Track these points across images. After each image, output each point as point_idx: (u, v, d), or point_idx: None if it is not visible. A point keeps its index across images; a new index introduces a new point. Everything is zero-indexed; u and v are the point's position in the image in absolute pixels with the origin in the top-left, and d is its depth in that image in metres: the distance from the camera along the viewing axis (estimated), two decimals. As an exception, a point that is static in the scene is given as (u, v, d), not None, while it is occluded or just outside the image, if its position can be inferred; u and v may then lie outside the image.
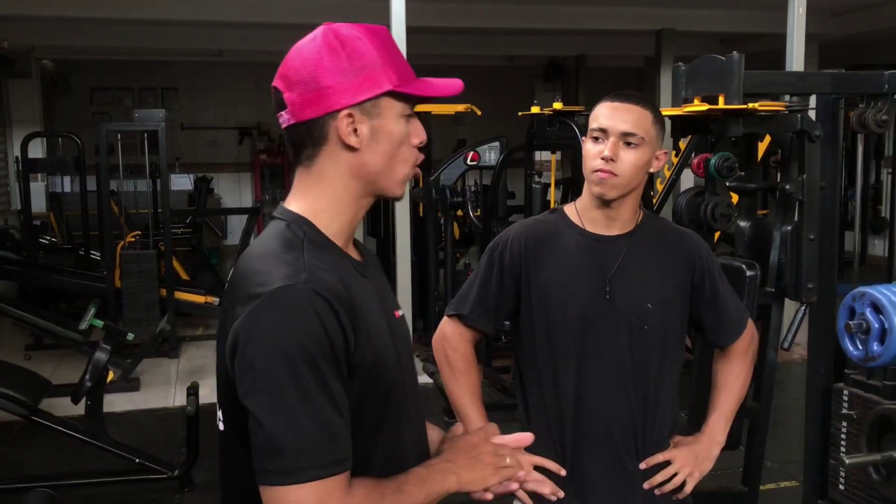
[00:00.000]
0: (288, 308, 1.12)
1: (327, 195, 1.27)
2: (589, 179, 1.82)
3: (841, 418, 2.47)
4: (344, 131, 1.22)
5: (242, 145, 11.98)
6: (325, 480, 1.11)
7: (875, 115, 2.44)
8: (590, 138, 1.82)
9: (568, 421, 1.84)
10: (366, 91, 1.23)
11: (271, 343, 1.11)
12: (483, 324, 1.92)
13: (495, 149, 6.32)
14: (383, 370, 1.24)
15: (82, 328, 5.68)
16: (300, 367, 1.11)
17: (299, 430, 1.10)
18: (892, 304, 1.64)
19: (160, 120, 6.33)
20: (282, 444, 1.10)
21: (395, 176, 1.28)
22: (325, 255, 1.22)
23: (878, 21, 8.17)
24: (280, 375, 1.11)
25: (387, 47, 1.26)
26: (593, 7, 8.11)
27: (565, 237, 1.87)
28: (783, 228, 2.54)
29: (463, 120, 9.24)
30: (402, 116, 1.27)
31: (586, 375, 1.82)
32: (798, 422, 2.97)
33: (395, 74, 1.24)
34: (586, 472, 1.84)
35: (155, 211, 7.36)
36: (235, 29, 8.53)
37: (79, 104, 11.14)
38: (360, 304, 1.20)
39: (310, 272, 1.16)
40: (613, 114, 1.79)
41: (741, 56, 2.33)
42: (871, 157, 8.81)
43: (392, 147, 1.26)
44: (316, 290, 1.14)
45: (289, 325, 1.12)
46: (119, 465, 4.09)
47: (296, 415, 1.10)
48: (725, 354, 1.99)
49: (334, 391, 1.13)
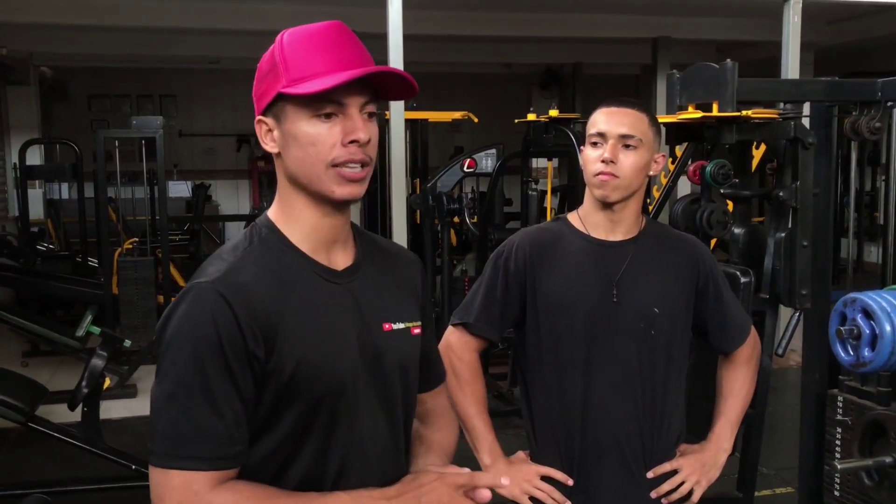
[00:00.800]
0: (190, 304, 1.17)
1: (282, 201, 1.29)
2: (591, 184, 1.83)
3: (835, 424, 2.47)
4: (260, 138, 1.25)
5: (240, 152, 11.99)
6: (185, 472, 1.13)
7: (868, 123, 2.45)
8: (588, 144, 1.83)
9: (575, 429, 1.83)
10: (265, 97, 1.23)
11: (168, 335, 1.17)
12: (489, 332, 1.91)
13: (492, 156, 6.33)
14: (312, 383, 1.20)
15: (79, 335, 5.67)
16: (186, 361, 1.15)
17: (169, 419, 1.15)
18: (883, 309, 1.65)
19: (158, 127, 6.33)
20: (154, 429, 1.16)
21: (321, 176, 1.22)
22: (272, 258, 1.23)
23: (873, 29, 8.20)
24: (166, 365, 1.17)
25: (302, 46, 1.20)
26: (590, 15, 8.14)
27: (570, 243, 1.87)
28: (777, 235, 2.55)
29: (460, 127, 9.26)
30: (315, 117, 1.20)
31: (593, 382, 1.82)
32: (793, 428, 2.97)
33: (287, 75, 1.19)
34: (594, 480, 1.84)
35: (152, 218, 7.37)
36: (234, 36, 8.55)
37: (77, 111, 11.16)
38: (287, 310, 1.19)
39: (227, 273, 1.19)
40: (610, 118, 1.80)
41: (735, 64, 2.34)
42: (867, 164, 8.84)
43: (300, 150, 1.21)
44: (218, 290, 1.16)
45: (186, 320, 1.17)
46: (115, 472, 4.08)
47: (170, 404, 1.15)
48: (730, 361, 1.99)
49: (216, 391, 1.15)
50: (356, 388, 1.26)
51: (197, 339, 1.15)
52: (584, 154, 1.85)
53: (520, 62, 10.64)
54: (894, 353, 1.64)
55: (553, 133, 5.18)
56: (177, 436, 1.14)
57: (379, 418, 1.30)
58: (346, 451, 1.26)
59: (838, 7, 7.49)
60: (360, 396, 1.26)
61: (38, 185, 9.15)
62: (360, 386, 1.26)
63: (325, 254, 1.28)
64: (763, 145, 3.36)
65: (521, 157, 5.76)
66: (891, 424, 1.71)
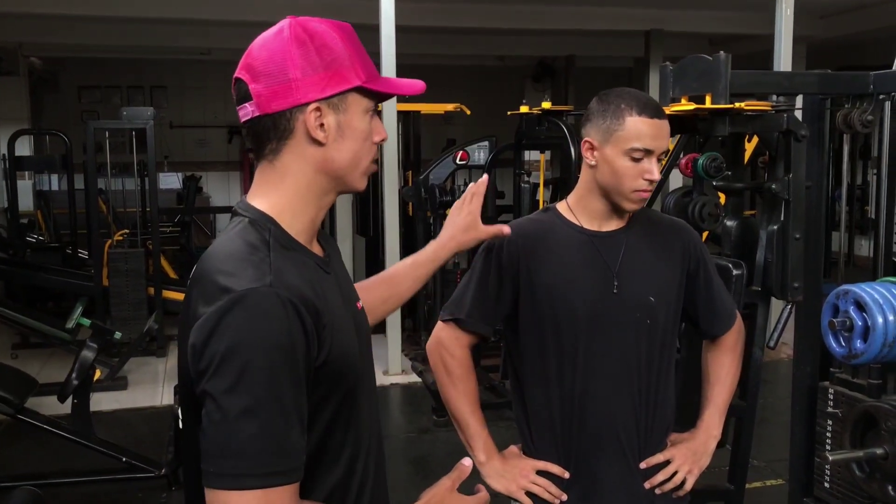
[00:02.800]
0: (253, 311, 1.10)
1: (291, 191, 1.25)
2: (625, 196, 1.77)
3: (826, 416, 2.48)
4: (311, 125, 1.21)
5: (232, 144, 11.95)
6: (266, 490, 1.08)
7: (860, 116, 2.45)
8: (626, 155, 1.74)
9: (573, 421, 1.82)
10: (335, 86, 1.22)
11: (230, 344, 1.08)
12: (481, 327, 1.88)
13: (484, 148, 6.34)
14: (349, 367, 1.24)
15: (69, 327, 5.65)
16: (257, 372, 1.08)
17: (245, 436, 1.07)
18: (875, 301, 1.65)
19: (148, 118, 6.31)
20: (225, 448, 1.08)
21: (360, 170, 1.29)
22: (291, 256, 1.21)
23: (865, 23, 8.23)
24: (235, 378, 1.07)
25: (353, 43, 1.26)
26: (583, 7, 8.14)
27: (562, 234, 1.85)
28: (769, 228, 2.55)
29: (452, 119, 9.26)
30: (367, 113, 1.27)
31: (592, 373, 1.80)
32: (784, 420, 2.98)
33: (363, 71, 1.25)
34: (592, 472, 1.83)
35: (143, 209, 7.34)
36: (225, 27, 8.52)
37: (66, 102, 11.11)
38: (325, 304, 1.19)
39: (276, 275, 1.14)
40: (658, 133, 1.74)
41: (728, 56, 2.33)
42: (858, 158, 8.88)
43: (356, 142, 1.26)
44: (280, 295, 1.11)
45: (252, 328, 1.09)
46: (106, 464, 4.08)
47: (244, 420, 1.07)
48: (715, 348, 1.99)
49: (289, 402, 1.11)
50: (364, 364, 1.32)
51: (269, 348, 1.09)
52: (613, 160, 1.76)
53: (513, 55, 10.64)
54: (886, 344, 1.65)
55: (546, 125, 5.18)
56: (254, 454, 1.08)
57: (369, 384, 1.36)
58: (367, 415, 1.32)
59: (830, 1, 7.51)
60: (363, 378, 1.31)
61: (28, 177, 9.10)
62: (363, 367, 1.31)
63: (312, 244, 1.31)
64: (755, 138, 3.36)
65: (513, 150, 5.76)
66: (882, 416, 1.71)
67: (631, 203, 1.78)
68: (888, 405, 1.71)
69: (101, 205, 7.03)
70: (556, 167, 7.84)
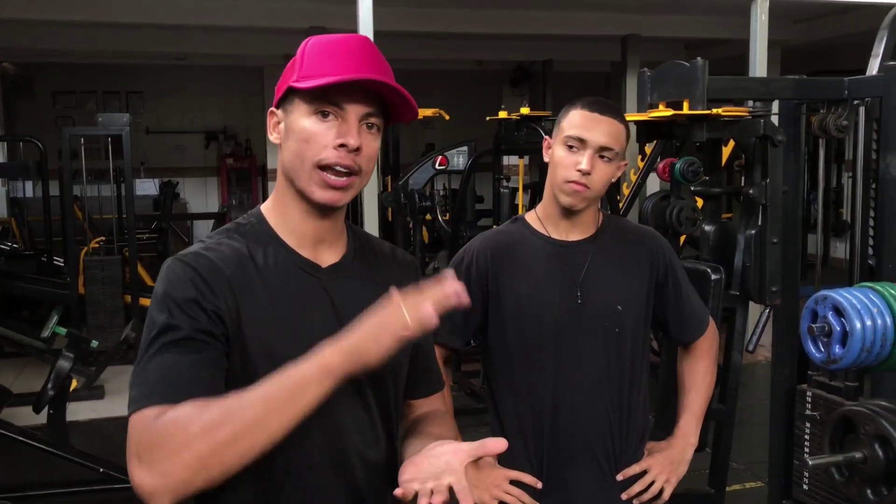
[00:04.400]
0: (162, 273, 1.25)
1: (276, 194, 1.34)
2: (559, 188, 1.79)
3: (804, 419, 2.50)
4: (269, 129, 1.32)
5: (209, 149, 11.88)
6: (143, 409, 1.14)
7: (836, 121, 2.48)
8: (563, 145, 1.78)
9: (545, 431, 1.83)
10: (279, 90, 1.30)
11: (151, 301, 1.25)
12: (451, 340, 1.88)
13: (463, 153, 6.33)
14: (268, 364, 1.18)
15: (45, 336, 5.59)
16: (153, 317, 1.20)
17: (141, 375, 1.18)
18: (853, 307, 1.66)
19: (125, 124, 6.25)
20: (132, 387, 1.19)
21: (304, 173, 1.26)
22: (252, 244, 1.28)
23: (839, 28, 8.31)
24: (147, 325, 1.22)
25: (321, 50, 1.27)
26: (560, 13, 8.17)
27: (530, 245, 1.86)
28: (747, 232, 2.57)
29: (430, 124, 9.26)
30: (315, 114, 1.25)
31: (562, 384, 1.81)
32: (763, 423, 3.00)
33: (301, 71, 1.26)
34: (565, 480, 1.84)
35: (119, 216, 7.27)
36: (202, 32, 8.46)
37: (41, 108, 10.98)
38: (256, 292, 1.24)
39: (195, 251, 1.26)
40: (594, 125, 1.76)
41: (705, 62, 2.35)
42: (833, 161, 8.97)
43: (295, 143, 1.26)
44: (182, 259, 1.25)
45: (158, 285, 1.24)
46: (83, 475, 4.02)
47: (142, 362, 1.19)
48: (690, 354, 2.00)
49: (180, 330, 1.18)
50: None
51: (161, 295, 1.21)
52: (554, 152, 1.81)
53: (490, 59, 10.65)
54: (864, 349, 1.65)
55: (524, 130, 5.19)
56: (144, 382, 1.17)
57: (340, 416, 1.29)
58: (318, 436, 1.26)
59: (805, 6, 7.58)
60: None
61: (2, 184, 8.99)
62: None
63: (311, 250, 1.31)
64: (731, 142, 3.39)
65: (492, 155, 5.77)
66: (861, 420, 1.73)
67: (565, 196, 1.78)
68: (867, 409, 1.72)
69: (77, 212, 6.95)
70: (535, 172, 7.86)
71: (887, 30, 2.53)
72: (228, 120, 11.58)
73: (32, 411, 4.09)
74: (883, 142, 2.37)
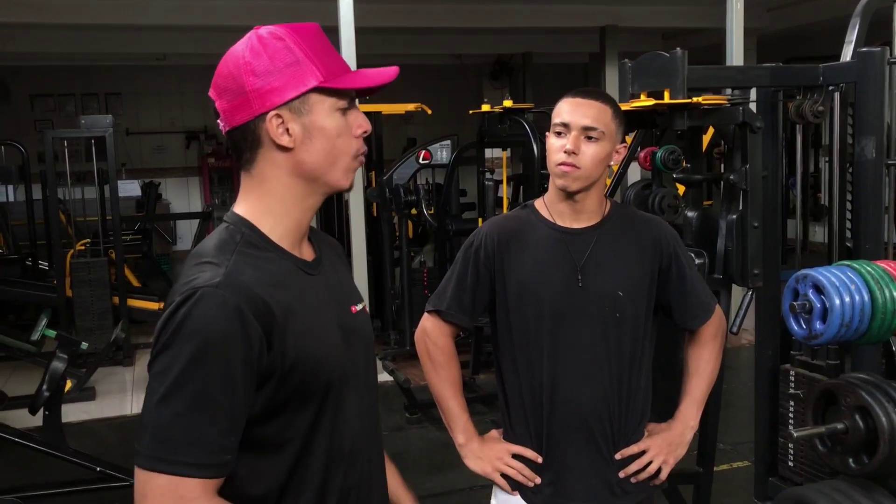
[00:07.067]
0: (192, 306, 1.14)
1: (268, 197, 1.28)
2: (553, 173, 1.87)
3: (788, 398, 2.58)
4: (273, 132, 1.23)
5: (190, 149, 11.86)
6: (174, 478, 1.11)
7: (812, 107, 2.55)
8: (553, 133, 1.87)
9: (544, 410, 1.89)
10: (291, 90, 1.23)
11: (172, 335, 1.14)
12: (460, 318, 1.97)
13: (447, 147, 6.38)
14: (316, 369, 1.23)
15: (34, 339, 5.59)
16: (187, 363, 1.12)
17: (164, 420, 1.12)
18: (832, 284, 1.73)
19: (108, 126, 6.25)
20: (146, 426, 1.13)
21: (339, 168, 1.29)
22: (260, 257, 1.24)
23: (811, 15, 8.43)
24: (167, 364, 1.13)
25: (312, 44, 1.25)
26: (538, 5, 8.22)
27: (536, 231, 1.92)
28: (728, 217, 2.63)
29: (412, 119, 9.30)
30: (336, 110, 1.26)
31: (560, 365, 1.87)
32: (748, 404, 3.07)
33: (321, 70, 1.24)
34: (562, 458, 1.90)
35: (103, 218, 7.26)
36: (179, 32, 8.45)
37: (19, 111, 10.92)
38: (287, 306, 1.21)
39: (227, 277, 1.17)
40: (575, 109, 1.85)
41: (685, 52, 2.41)
42: (810, 146, 9.09)
43: (327, 142, 1.26)
44: (225, 297, 1.15)
45: (193, 324, 1.13)
46: (80, 475, 4.05)
47: (163, 406, 1.12)
48: (696, 340, 2.04)
49: (213, 399, 1.13)
50: (354, 366, 1.33)
51: (201, 343, 1.13)
52: (548, 142, 1.90)
53: (470, 53, 10.69)
54: (843, 324, 1.73)
55: (507, 123, 5.24)
56: (168, 439, 1.12)
57: (364, 387, 1.37)
58: (355, 419, 1.32)
59: (778, -7, 7.67)
60: (350, 381, 1.32)
61: (-17, 189, 8.95)
62: (349, 371, 1.31)
63: (299, 248, 1.32)
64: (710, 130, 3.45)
65: (476, 148, 5.81)
66: (841, 393, 1.80)
67: (558, 178, 1.87)
68: (846, 381, 1.80)
69: (61, 215, 6.93)
70: (518, 164, 7.92)
71: (859, 17, 2.60)
72: (209, 119, 11.52)
73: (28, 413, 4.10)
74: (857, 126, 2.44)
